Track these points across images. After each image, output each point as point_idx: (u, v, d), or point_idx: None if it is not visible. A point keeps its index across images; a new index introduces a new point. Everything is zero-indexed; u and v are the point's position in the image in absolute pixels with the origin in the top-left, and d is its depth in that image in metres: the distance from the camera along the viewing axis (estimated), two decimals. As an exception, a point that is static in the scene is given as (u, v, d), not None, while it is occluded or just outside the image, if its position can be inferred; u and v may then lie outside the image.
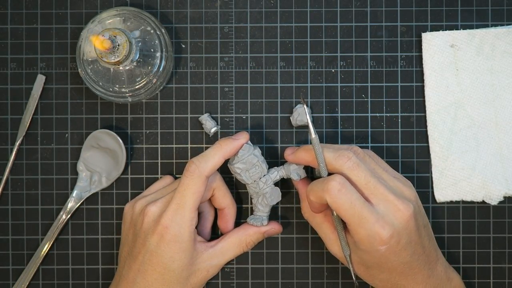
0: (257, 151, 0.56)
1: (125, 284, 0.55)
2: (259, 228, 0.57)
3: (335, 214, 0.54)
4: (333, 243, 0.56)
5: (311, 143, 0.54)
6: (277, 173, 0.57)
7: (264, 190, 0.57)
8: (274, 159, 0.61)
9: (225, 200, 0.58)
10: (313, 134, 0.54)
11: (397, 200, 0.52)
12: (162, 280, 0.54)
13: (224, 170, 0.59)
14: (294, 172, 0.57)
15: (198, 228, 0.59)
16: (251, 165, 0.56)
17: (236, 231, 0.58)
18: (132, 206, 0.57)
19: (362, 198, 0.51)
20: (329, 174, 0.53)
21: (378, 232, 0.51)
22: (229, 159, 0.57)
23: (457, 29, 0.61)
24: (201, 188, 0.54)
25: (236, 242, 0.57)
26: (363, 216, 0.51)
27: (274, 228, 0.58)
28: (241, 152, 0.56)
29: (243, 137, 0.56)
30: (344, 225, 0.55)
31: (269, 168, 0.57)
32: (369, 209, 0.51)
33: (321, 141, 0.60)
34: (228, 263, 0.60)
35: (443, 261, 0.56)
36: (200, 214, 0.59)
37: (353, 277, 0.55)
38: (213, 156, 0.54)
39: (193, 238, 0.54)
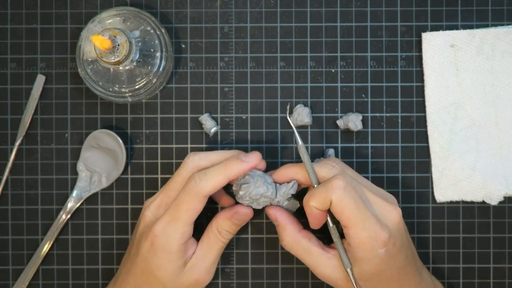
0: (262, 186, 0.53)
1: (120, 281, 0.55)
2: (224, 212, 0.54)
3: (331, 225, 0.53)
4: (324, 264, 0.53)
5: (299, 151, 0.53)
6: (288, 191, 0.54)
7: (278, 205, 0.55)
8: (274, 159, 0.61)
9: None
10: (299, 142, 0.53)
11: (386, 203, 0.51)
12: (149, 286, 0.54)
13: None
14: (286, 203, 0.55)
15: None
16: (255, 199, 0.53)
17: (207, 226, 0.55)
18: (144, 204, 0.56)
19: (362, 198, 0.51)
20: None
21: (379, 233, 0.50)
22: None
23: (457, 29, 0.61)
24: (197, 206, 0.52)
25: (210, 236, 0.54)
26: (366, 217, 0.50)
27: (243, 211, 0.54)
28: (242, 192, 0.53)
29: (251, 160, 0.52)
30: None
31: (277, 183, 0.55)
32: (371, 209, 0.50)
33: (321, 140, 0.61)
34: (228, 263, 0.60)
35: (426, 269, 0.57)
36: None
37: None
38: (216, 176, 0.51)
39: (182, 250, 0.53)
